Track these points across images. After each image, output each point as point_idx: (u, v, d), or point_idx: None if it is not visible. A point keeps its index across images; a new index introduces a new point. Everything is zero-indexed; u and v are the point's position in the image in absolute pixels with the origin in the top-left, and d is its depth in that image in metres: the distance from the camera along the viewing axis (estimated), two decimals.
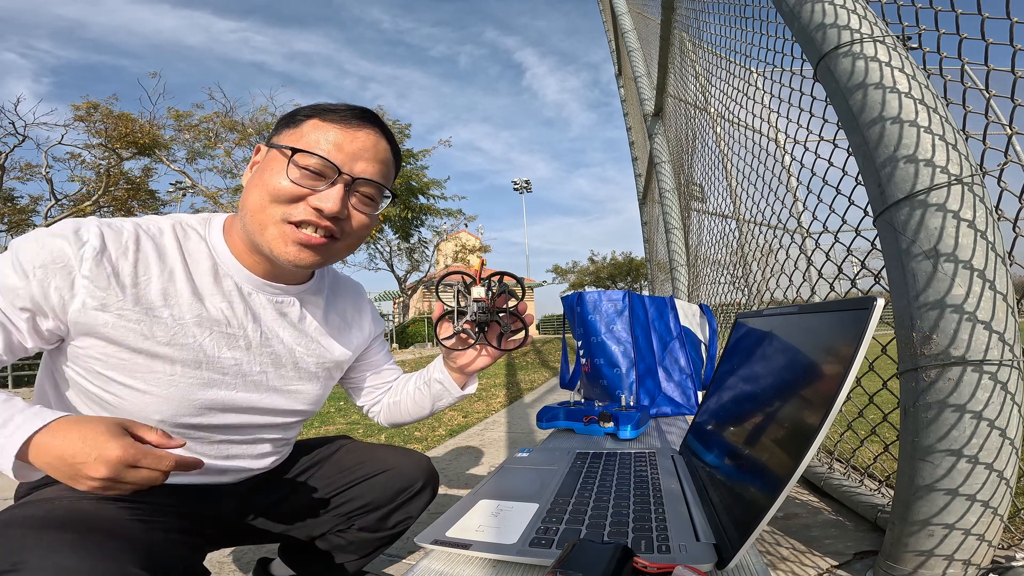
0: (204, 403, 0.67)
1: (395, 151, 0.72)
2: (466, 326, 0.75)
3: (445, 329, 0.78)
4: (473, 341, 0.77)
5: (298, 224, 0.63)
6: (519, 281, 0.76)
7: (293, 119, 0.67)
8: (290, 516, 0.86)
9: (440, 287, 0.77)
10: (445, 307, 0.77)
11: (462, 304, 0.75)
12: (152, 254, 0.64)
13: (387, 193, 0.70)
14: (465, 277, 0.76)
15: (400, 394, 0.92)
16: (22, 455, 0.49)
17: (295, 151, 0.62)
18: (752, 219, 1.81)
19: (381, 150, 0.68)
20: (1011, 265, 0.72)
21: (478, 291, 0.73)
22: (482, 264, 0.77)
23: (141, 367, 0.63)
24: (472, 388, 0.90)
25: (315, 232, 0.64)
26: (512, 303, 0.76)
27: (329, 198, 0.63)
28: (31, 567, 0.47)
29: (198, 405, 0.67)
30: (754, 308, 1.83)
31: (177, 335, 0.64)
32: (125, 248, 0.62)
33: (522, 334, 0.78)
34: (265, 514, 0.84)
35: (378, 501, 0.87)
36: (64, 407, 0.66)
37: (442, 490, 1.61)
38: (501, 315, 0.75)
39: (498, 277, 0.76)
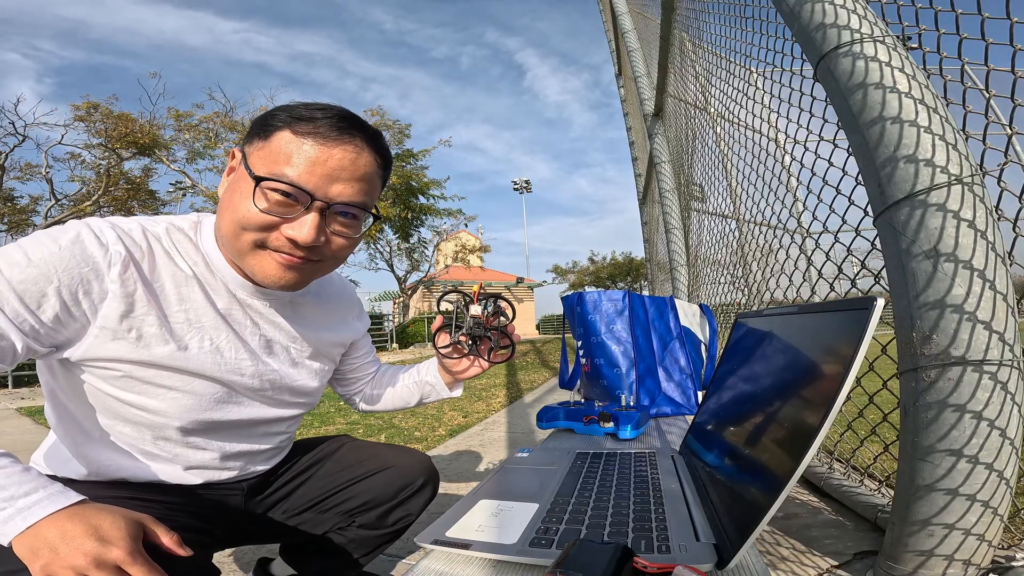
0: (219, 403, 0.69)
1: (382, 157, 0.66)
2: (462, 338, 0.82)
3: (442, 339, 0.84)
4: (466, 351, 0.84)
5: (274, 250, 0.62)
6: (511, 304, 0.85)
7: (265, 127, 0.61)
8: (293, 514, 0.86)
9: (440, 302, 0.85)
10: (444, 320, 0.83)
11: (459, 319, 0.82)
12: (164, 261, 0.64)
13: (371, 211, 0.66)
14: (464, 296, 0.83)
15: (383, 388, 0.97)
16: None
17: (259, 179, 0.58)
18: (752, 219, 1.81)
19: (361, 165, 0.62)
20: (1011, 265, 0.72)
21: (476, 309, 0.81)
22: (480, 287, 0.85)
23: (164, 372, 0.63)
24: (458, 392, 0.94)
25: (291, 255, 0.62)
26: (503, 322, 0.84)
27: (303, 227, 0.59)
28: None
29: (215, 403, 0.69)
30: (754, 308, 1.83)
31: (194, 340, 0.65)
32: (144, 254, 0.62)
33: (508, 350, 0.84)
34: (269, 512, 0.85)
35: (379, 498, 0.88)
36: (82, 413, 0.66)
37: (442, 490, 1.62)
38: (492, 332, 0.83)
39: (493, 299, 0.83)
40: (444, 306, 0.84)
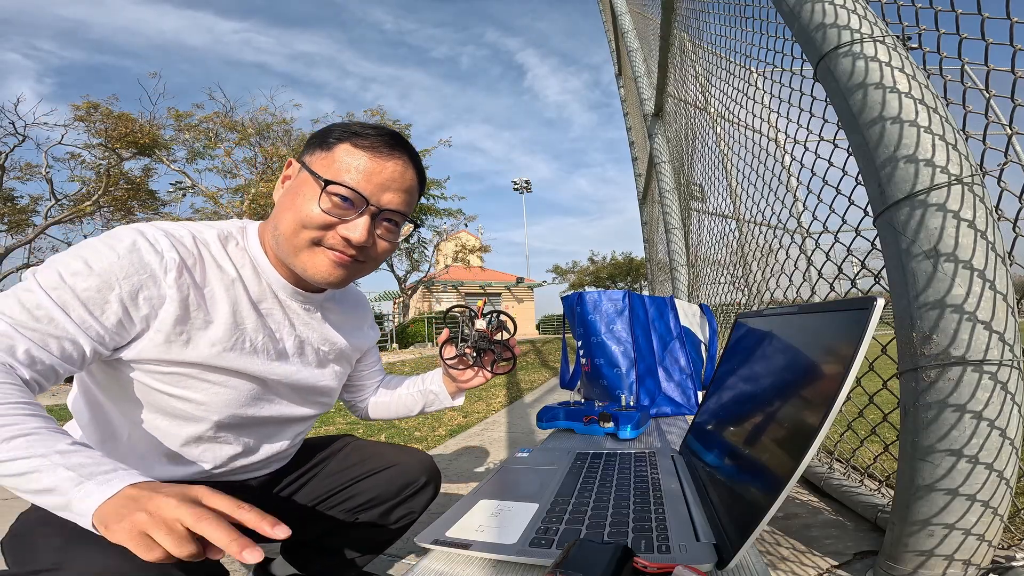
0: (255, 399, 0.73)
1: (420, 175, 0.74)
2: (467, 350, 0.88)
3: (448, 351, 0.90)
4: (471, 362, 0.90)
5: (328, 247, 0.68)
6: (512, 319, 0.91)
7: (325, 141, 0.68)
8: (298, 512, 0.88)
9: (447, 317, 0.89)
10: (451, 332, 0.89)
11: (465, 332, 0.88)
12: (212, 266, 0.67)
13: (409, 220, 0.74)
14: (469, 311, 0.89)
15: (389, 395, 1.01)
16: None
17: (327, 183, 0.65)
18: (752, 219, 1.81)
19: (408, 179, 0.70)
20: (1011, 265, 0.72)
21: (480, 323, 0.87)
22: (484, 303, 0.91)
23: (208, 371, 0.67)
24: (460, 400, 1.00)
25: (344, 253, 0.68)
26: (504, 336, 0.90)
27: (357, 228, 0.66)
28: (74, 567, 0.48)
29: (251, 400, 0.72)
30: (754, 308, 1.83)
31: (238, 342, 0.68)
32: (195, 260, 0.65)
33: (510, 363, 0.91)
34: (275, 510, 0.85)
35: (382, 496, 0.90)
36: (117, 409, 0.67)
37: (442, 490, 1.61)
38: (495, 345, 0.88)
39: (496, 313, 0.90)
40: (450, 321, 0.90)
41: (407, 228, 0.75)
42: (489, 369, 0.91)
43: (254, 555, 0.40)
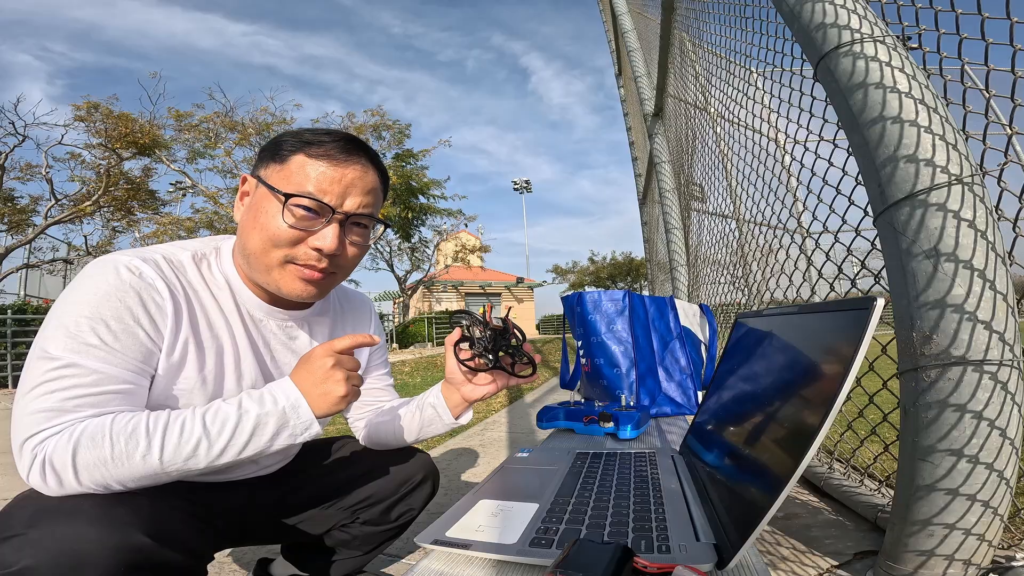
0: None
1: (383, 174, 0.73)
2: (483, 349, 0.78)
3: (464, 352, 0.79)
4: (490, 366, 0.78)
5: (301, 264, 0.66)
6: (519, 329, 0.81)
7: (278, 153, 0.66)
8: (296, 511, 0.89)
9: (456, 318, 0.82)
10: (464, 333, 0.78)
11: (477, 334, 0.78)
12: (190, 290, 0.67)
13: (379, 221, 0.73)
14: (475, 316, 0.79)
15: (390, 415, 0.89)
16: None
17: (288, 197, 0.63)
18: (752, 219, 1.81)
19: (369, 180, 0.69)
20: (1011, 265, 0.72)
21: (496, 322, 0.79)
22: (490, 309, 0.82)
23: (192, 393, 0.67)
24: (466, 418, 0.85)
25: (315, 269, 0.67)
26: (514, 341, 0.80)
27: (326, 237, 0.65)
28: (42, 530, 0.48)
29: None
30: (754, 308, 1.83)
31: (216, 363, 0.68)
32: (174, 289, 0.65)
33: (530, 368, 0.80)
34: (272, 509, 0.86)
35: (380, 494, 0.90)
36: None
37: (442, 490, 1.62)
38: (512, 348, 0.79)
39: (503, 319, 0.80)
40: (468, 319, 0.80)
41: (379, 230, 0.73)
42: (510, 371, 0.80)
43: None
